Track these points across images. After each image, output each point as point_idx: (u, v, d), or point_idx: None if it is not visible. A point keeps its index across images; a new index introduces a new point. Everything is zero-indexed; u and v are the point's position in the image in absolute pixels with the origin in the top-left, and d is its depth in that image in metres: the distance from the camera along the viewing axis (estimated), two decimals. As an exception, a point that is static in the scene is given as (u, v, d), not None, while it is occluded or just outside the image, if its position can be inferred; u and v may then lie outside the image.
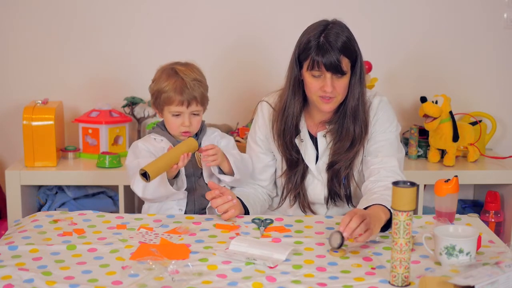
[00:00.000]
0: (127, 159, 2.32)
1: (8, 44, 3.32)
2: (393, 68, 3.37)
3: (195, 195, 2.31)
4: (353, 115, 2.19)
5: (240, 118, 3.26)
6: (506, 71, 3.41)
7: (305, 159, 2.25)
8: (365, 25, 3.31)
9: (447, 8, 3.35)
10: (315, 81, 2.13)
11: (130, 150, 2.34)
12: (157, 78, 2.30)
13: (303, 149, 2.25)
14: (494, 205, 3.13)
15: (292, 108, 2.23)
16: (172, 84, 2.24)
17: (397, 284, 1.63)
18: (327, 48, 2.08)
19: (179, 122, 2.27)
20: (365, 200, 2.07)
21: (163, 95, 2.26)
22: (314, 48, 2.10)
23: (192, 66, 2.31)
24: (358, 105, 2.18)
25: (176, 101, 2.24)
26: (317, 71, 2.11)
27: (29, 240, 1.91)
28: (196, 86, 2.25)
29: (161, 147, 2.29)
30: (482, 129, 3.24)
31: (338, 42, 2.09)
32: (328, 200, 2.28)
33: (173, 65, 2.31)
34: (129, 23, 3.31)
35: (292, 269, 1.73)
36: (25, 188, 3.00)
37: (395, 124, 2.26)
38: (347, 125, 2.20)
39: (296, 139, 2.25)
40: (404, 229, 1.60)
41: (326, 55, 2.08)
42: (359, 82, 2.18)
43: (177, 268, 1.67)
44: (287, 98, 2.23)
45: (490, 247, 1.89)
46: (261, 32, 3.32)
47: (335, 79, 2.12)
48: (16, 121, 3.21)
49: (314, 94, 2.16)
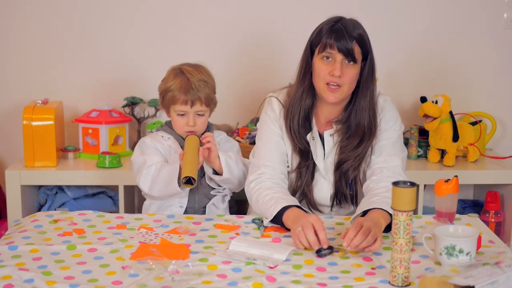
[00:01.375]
0: (133, 155, 2.36)
1: (8, 44, 3.32)
2: (393, 68, 3.37)
3: (196, 193, 2.33)
4: (364, 111, 2.18)
5: (240, 118, 3.26)
6: (506, 71, 3.41)
7: (314, 157, 2.24)
8: (365, 25, 3.29)
9: (447, 8, 3.35)
10: (324, 65, 2.11)
11: (137, 146, 2.37)
12: (166, 78, 2.36)
13: (313, 146, 2.24)
14: (494, 205, 3.13)
15: (304, 99, 2.20)
16: (178, 84, 2.29)
17: (397, 284, 1.63)
18: (342, 33, 2.09)
19: (184, 122, 2.31)
20: (366, 203, 2.06)
21: (168, 94, 2.31)
22: (328, 31, 2.11)
23: (200, 67, 2.35)
24: (369, 102, 2.18)
25: (180, 100, 2.28)
26: (328, 52, 2.10)
27: (29, 240, 1.91)
28: (201, 87, 2.29)
29: (168, 145, 2.33)
30: (482, 129, 3.24)
31: (353, 30, 2.11)
32: (334, 201, 2.26)
33: (181, 65, 2.36)
34: (129, 23, 3.31)
35: (292, 269, 1.73)
36: (25, 188, 2.99)
37: (399, 123, 2.26)
38: (357, 121, 2.18)
39: (308, 135, 2.23)
40: (404, 229, 1.60)
41: (340, 38, 2.08)
42: (371, 79, 2.18)
43: (177, 268, 1.68)
44: (296, 91, 2.20)
45: (490, 247, 1.89)
46: (262, 33, 3.32)
47: (345, 66, 2.11)
48: (16, 121, 3.21)
49: (322, 80, 2.13)
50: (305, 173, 2.23)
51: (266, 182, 2.18)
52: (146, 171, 2.27)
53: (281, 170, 2.22)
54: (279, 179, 2.20)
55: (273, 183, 2.18)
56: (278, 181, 2.19)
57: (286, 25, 3.28)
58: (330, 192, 2.25)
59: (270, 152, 2.23)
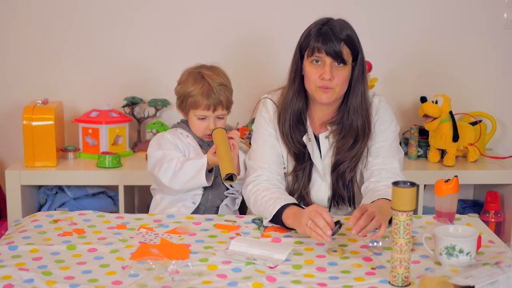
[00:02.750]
0: (149, 149, 2.36)
1: (8, 44, 3.31)
2: (393, 68, 3.37)
3: (211, 192, 2.35)
4: (356, 111, 2.17)
5: (240, 118, 3.26)
6: (506, 71, 3.41)
7: (312, 158, 2.23)
8: (365, 25, 3.31)
9: (447, 8, 3.35)
10: (314, 69, 2.11)
11: (154, 140, 2.37)
12: (184, 81, 2.35)
13: (311, 148, 2.24)
14: (494, 205, 3.13)
15: (295, 103, 2.20)
16: (199, 89, 2.30)
17: (397, 284, 1.63)
18: (329, 36, 2.08)
19: (204, 126, 2.34)
20: (369, 197, 2.07)
21: (189, 99, 2.31)
22: (315, 34, 2.10)
23: (218, 70, 2.38)
24: (361, 102, 2.17)
25: (203, 106, 2.30)
26: (317, 56, 2.09)
27: (29, 240, 1.91)
28: (222, 91, 2.32)
29: (187, 142, 2.35)
30: (482, 129, 3.24)
31: (340, 32, 2.09)
32: (332, 203, 2.26)
33: (199, 68, 2.36)
34: (129, 23, 3.31)
35: (292, 269, 1.73)
36: (25, 188, 2.99)
37: (395, 124, 2.26)
38: (350, 121, 2.18)
39: (304, 137, 2.23)
40: (404, 229, 1.60)
41: (327, 41, 2.07)
42: (361, 79, 2.17)
43: (177, 268, 1.68)
44: (287, 93, 2.21)
45: (490, 247, 1.89)
46: (263, 32, 3.32)
47: (335, 68, 2.10)
48: (16, 121, 3.21)
49: (313, 83, 2.12)
50: (301, 175, 2.24)
51: (264, 183, 2.19)
52: (167, 164, 2.27)
53: (277, 172, 2.23)
54: (276, 180, 2.21)
55: (270, 185, 2.18)
56: (275, 183, 2.20)
57: (286, 25, 3.28)
58: (328, 194, 2.25)
59: (266, 154, 2.24)
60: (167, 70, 3.13)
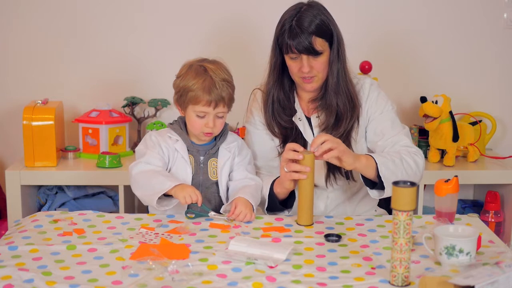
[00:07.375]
0: (138, 146, 2.24)
1: (8, 44, 3.32)
2: (393, 68, 3.37)
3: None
4: (334, 90, 2.22)
5: (240, 118, 3.25)
6: (506, 71, 3.41)
7: (305, 136, 2.27)
8: (365, 25, 3.32)
9: (447, 8, 3.35)
10: (293, 63, 2.19)
11: (143, 139, 2.25)
12: (184, 74, 2.17)
13: (302, 127, 2.28)
14: (494, 205, 3.13)
15: (275, 92, 2.28)
16: (201, 83, 2.12)
17: (397, 284, 1.63)
18: (297, 32, 2.12)
19: (203, 123, 2.16)
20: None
21: (189, 93, 2.13)
22: (286, 32, 2.15)
23: (221, 65, 2.21)
24: (338, 81, 2.22)
25: (204, 101, 2.12)
26: (292, 53, 2.16)
27: (29, 240, 1.91)
28: (224, 87, 2.14)
29: (174, 147, 2.20)
30: (482, 129, 3.25)
31: (308, 24, 2.12)
32: (329, 178, 2.27)
33: (201, 62, 2.19)
34: (129, 23, 3.32)
35: (292, 269, 1.73)
36: (25, 188, 3.00)
37: (390, 103, 2.31)
38: (329, 101, 2.23)
39: (294, 118, 2.28)
40: (404, 229, 1.60)
41: (297, 39, 2.12)
42: (337, 59, 2.21)
43: (177, 268, 1.68)
44: (268, 83, 2.30)
45: (490, 247, 1.89)
46: (265, 32, 3.32)
47: (312, 59, 2.16)
48: (16, 121, 3.22)
49: (296, 75, 2.22)
50: None
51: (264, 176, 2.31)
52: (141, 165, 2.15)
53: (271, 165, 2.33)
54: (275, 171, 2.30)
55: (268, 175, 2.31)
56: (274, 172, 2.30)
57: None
58: (324, 171, 2.27)
59: (260, 150, 2.35)
60: (167, 70, 3.11)
